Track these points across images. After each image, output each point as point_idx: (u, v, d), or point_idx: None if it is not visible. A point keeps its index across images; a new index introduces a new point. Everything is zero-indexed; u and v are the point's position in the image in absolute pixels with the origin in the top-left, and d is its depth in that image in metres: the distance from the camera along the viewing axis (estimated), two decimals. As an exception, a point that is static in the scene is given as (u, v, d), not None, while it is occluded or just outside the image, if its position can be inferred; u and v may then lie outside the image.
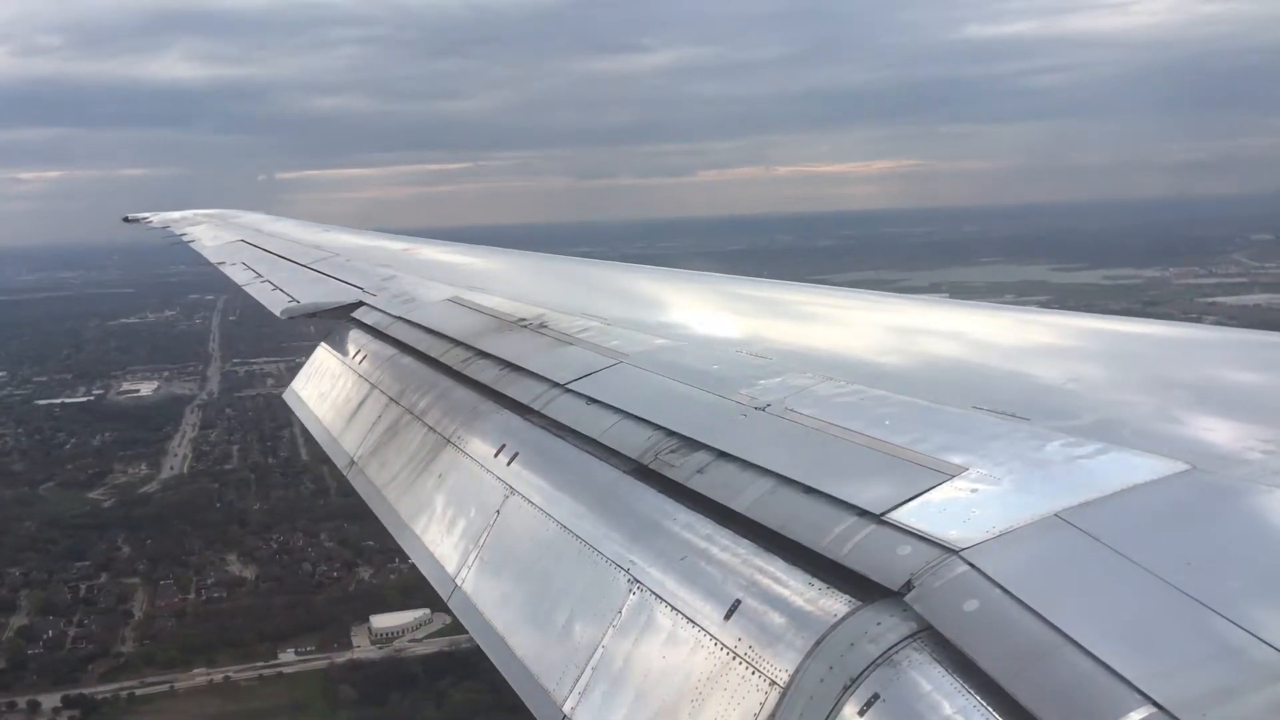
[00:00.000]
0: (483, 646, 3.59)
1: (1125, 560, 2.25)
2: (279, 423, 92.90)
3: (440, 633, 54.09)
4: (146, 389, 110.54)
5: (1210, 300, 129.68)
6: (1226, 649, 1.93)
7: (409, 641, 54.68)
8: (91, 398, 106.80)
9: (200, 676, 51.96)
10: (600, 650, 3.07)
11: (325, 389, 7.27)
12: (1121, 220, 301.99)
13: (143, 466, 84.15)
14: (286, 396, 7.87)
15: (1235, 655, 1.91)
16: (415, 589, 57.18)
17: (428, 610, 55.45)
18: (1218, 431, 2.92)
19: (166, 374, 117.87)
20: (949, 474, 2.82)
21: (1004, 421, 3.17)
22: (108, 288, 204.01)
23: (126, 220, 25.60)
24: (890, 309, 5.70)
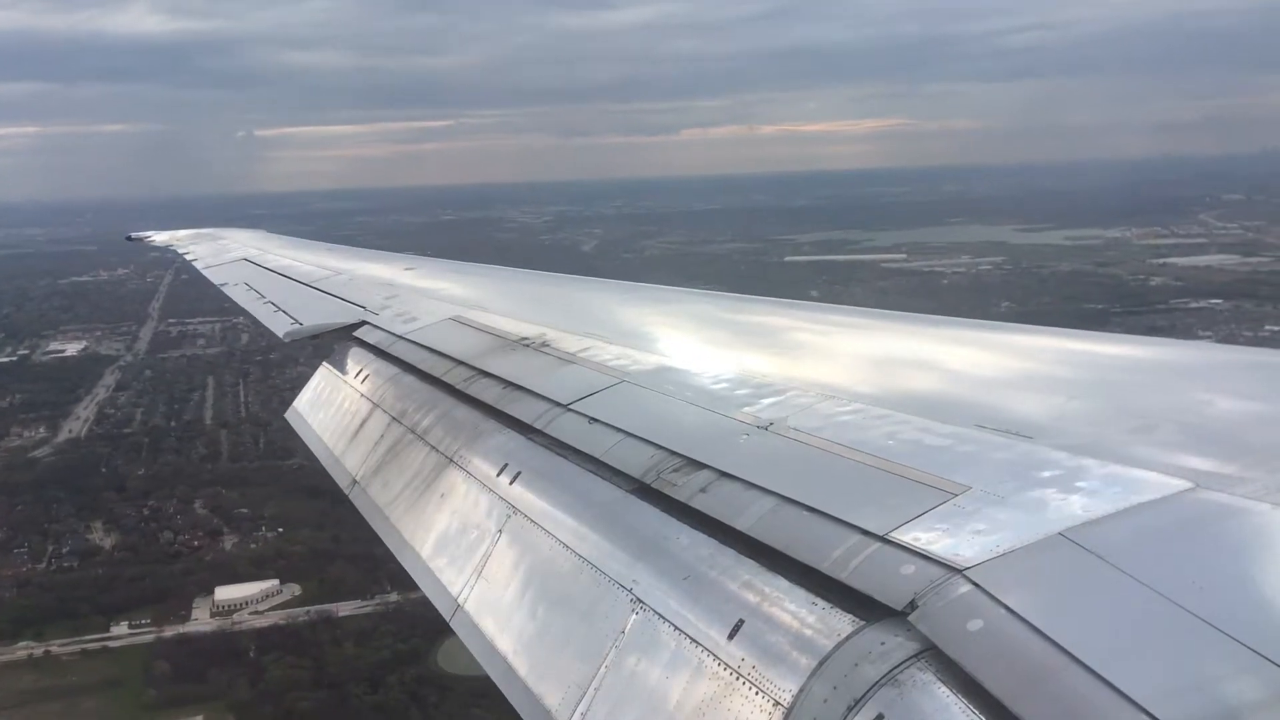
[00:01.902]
0: (485, 667, 3.59)
1: (1129, 579, 2.26)
2: (193, 384, 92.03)
3: (285, 604, 52.81)
4: (73, 349, 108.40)
5: (1162, 261, 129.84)
6: (1231, 668, 1.94)
7: (250, 614, 52.26)
8: (15, 358, 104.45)
9: (22, 650, 49.02)
10: (603, 670, 3.07)
11: (327, 408, 7.27)
12: (1101, 180, 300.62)
13: (40, 429, 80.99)
14: (288, 416, 7.85)
15: (1240, 674, 1.92)
16: (270, 560, 56.45)
17: (276, 581, 54.17)
18: (1220, 450, 2.93)
19: (99, 333, 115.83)
20: (952, 493, 2.83)
21: (1007, 440, 3.19)
22: (72, 245, 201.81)
23: (130, 239, 25.69)
24: (892, 328, 5.71)
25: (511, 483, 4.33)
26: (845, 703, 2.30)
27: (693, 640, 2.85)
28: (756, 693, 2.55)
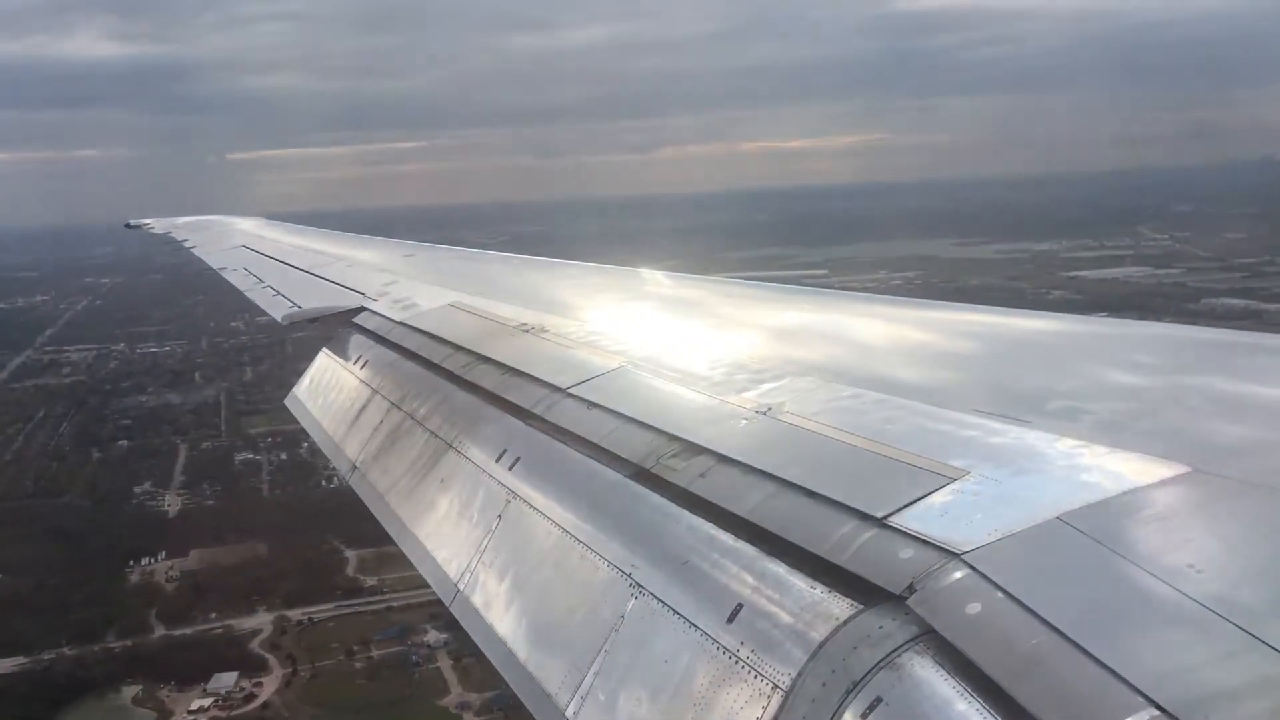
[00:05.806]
0: (485, 651, 3.59)
1: (1127, 563, 2.27)
2: (21, 416, 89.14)
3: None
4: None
5: (1071, 275, 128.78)
6: (1229, 651, 1.94)
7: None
8: None
9: None
10: (603, 654, 3.07)
11: (327, 394, 7.27)
12: (1063, 192, 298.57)
13: None
14: (288, 402, 7.83)
15: (1237, 657, 1.92)
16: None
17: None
18: (1218, 433, 2.94)
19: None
20: (950, 477, 2.84)
21: (1005, 424, 3.19)
22: (15, 271, 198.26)
23: (129, 226, 25.55)
24: (891, 313, 5.75)
25: (511, 468, 4.33)
26: (844, 686, 2.31)
27: (691, 624, 2.86)
28: (755, 676, 2.55)
